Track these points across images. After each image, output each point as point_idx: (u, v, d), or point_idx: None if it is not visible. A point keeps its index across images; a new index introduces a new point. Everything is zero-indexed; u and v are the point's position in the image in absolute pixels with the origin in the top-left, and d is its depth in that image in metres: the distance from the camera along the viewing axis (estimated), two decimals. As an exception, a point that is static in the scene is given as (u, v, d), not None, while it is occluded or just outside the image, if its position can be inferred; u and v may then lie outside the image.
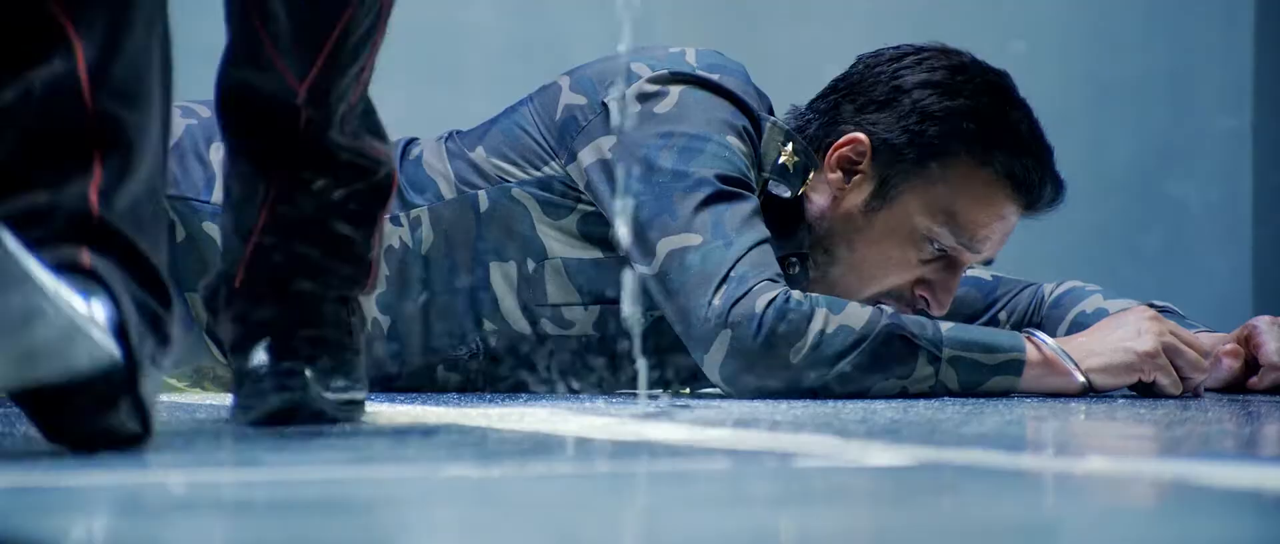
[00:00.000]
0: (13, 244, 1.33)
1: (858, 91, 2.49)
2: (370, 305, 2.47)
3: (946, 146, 2.43)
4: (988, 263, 2.52)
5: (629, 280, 2.44)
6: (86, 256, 1.44)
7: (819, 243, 2.46)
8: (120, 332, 1.43)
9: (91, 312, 1.41)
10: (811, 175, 2.46)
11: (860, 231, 2.45)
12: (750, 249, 2.32)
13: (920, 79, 2.46)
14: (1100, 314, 2.61)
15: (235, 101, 1.74)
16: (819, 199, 2.47)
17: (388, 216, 1.81)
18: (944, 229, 2.42)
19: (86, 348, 1.37)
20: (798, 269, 2.47)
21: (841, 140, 2.47)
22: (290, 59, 1.69)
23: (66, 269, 1.42)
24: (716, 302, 2.30)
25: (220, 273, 1.80)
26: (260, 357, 1.75)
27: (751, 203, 2.37)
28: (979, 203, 2.44)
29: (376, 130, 1.81)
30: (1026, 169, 2.44)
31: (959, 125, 2.43)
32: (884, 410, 2.08)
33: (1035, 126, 2.47)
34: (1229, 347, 2.60)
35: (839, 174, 2.47)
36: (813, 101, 2.53)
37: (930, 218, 2.43)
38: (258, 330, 1.76)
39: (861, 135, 2.46)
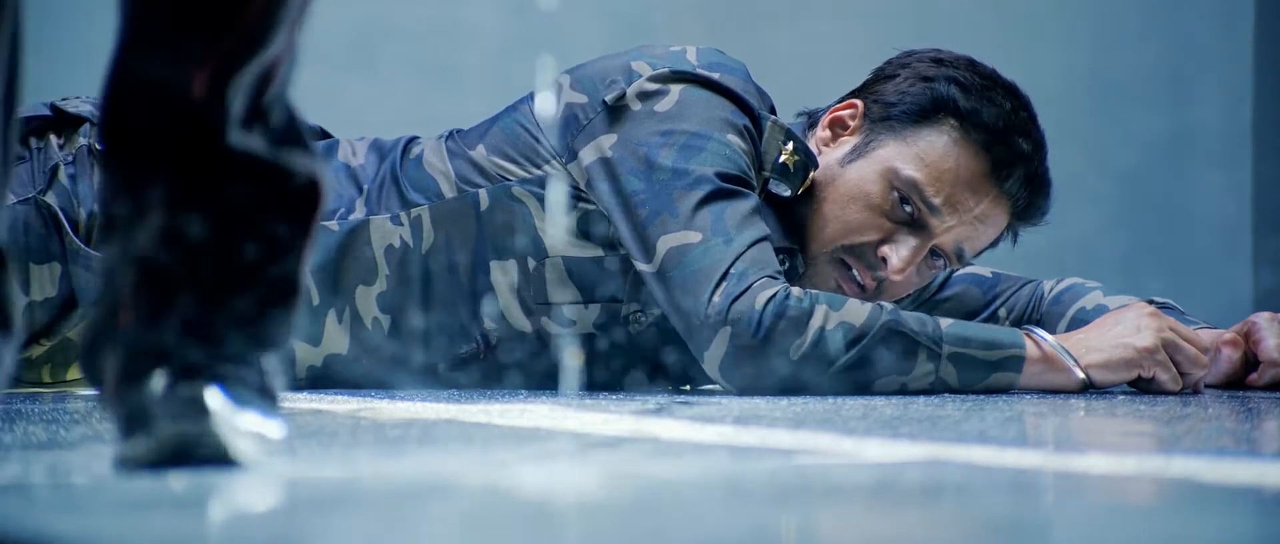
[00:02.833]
0: None
1: (871, 78, 2.52)
2: (371, 304, 2.47)
3: (932, 110, 2.44)
4: (964, 264, 2.52)
5: (630, 278, 2.44)
6: None
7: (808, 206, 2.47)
8: None
9: None
10: (812, 175, 2.46)
11: (833, 182, 2.46)
12: (750, 246, 2.32)
13: (928, 57, 2.48)
14: (1100, 310, 2.61)
15: (120, 93, 1.43)
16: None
17: (318, 230, 1.51)
18: (911, 182, 2.42)
19: None
20: (788, 264, 2.47)
21: (839, 105, 2.50)
22: (184, 37, 1.42)
23: None
24: (716, 299, 2.30)
25: (99, 315, 1.45)
26: (153, 386, 1.39)
27: (752, 200, 2.37)
28: (952, 166, 2.43)
29: (298, 139, 1.49)
30: (1006, 147, 2.44)
31: (948, 92, 2.44)
32: (884, 407, 2.08)
33: (1029, 121, 2.47)
34: (1229, 338, 2.60)
35: (828, 132, 2.49)
36: None
37: (901, 164, 2.43)
38: (147, 359, 1.41)
39: (858, 101, 2.49)
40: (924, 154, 2.44)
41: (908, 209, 2.43)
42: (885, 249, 2.44)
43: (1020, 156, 2.45)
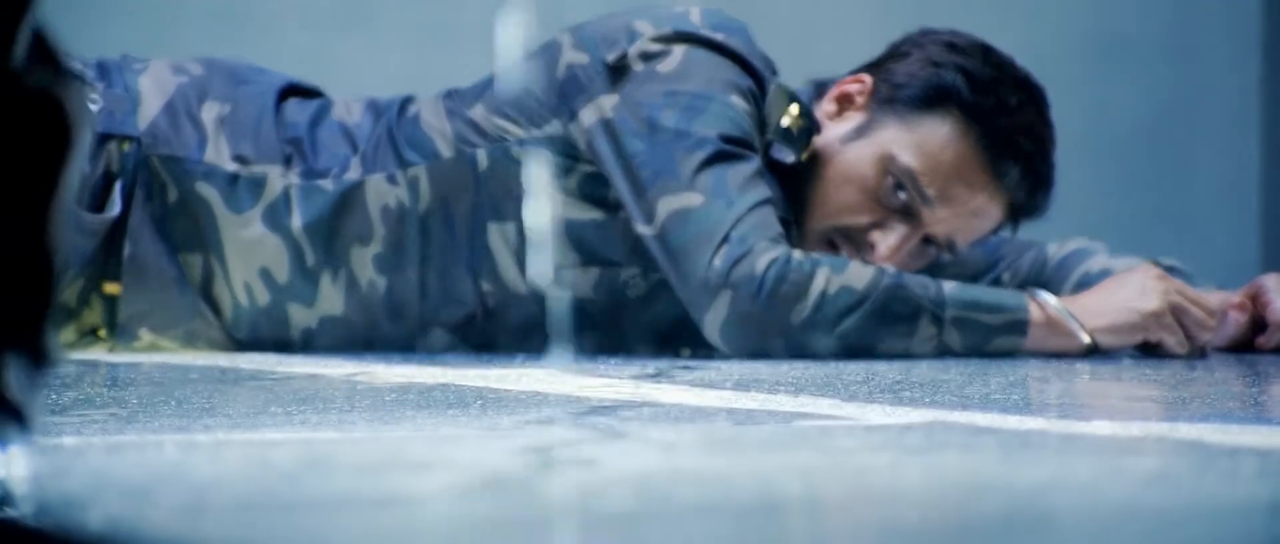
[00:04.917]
0: None
1: (884, 54, 2.50)
2: (366, 265, 2.46)
3: (937, 98, 2.42)
4: (955, 253, 2.50)
5: (630, 242, 2.42)
6: None
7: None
8: None
9: None
10: (815, 139, 2.45)
11: (831, 160, 2.44)
12: (752, 209, 2.31)
13: (942, 41, 2.46)
14: (1105, 273, 2.60)
15: None
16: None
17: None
18: (907, 170, 2.40)
19: None
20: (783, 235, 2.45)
21: (848, 78, 2.47)
22: None
23: None
24: (717, 262, 2.29)
25: None
26: None
27: (754, 163, 2.35)
28: (950, 158, 2.42)
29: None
30: (1007, 146, 2.42)
31: (954, 81, 2.42)
32: (886, 371, 2.08)
33: (1036, 117, 2.45)
34: (1237, 301, 2.59)
35: (834, 106, 2.47)
36: None
37: (899, 151, 2.41)
38: None
39: (867, 76, 2.47)
40: (923, 143, 2.42)
41: (901, 196, 2.41)
42: (874, 235, 2.42)
43: (1020, 155, 2.43)
